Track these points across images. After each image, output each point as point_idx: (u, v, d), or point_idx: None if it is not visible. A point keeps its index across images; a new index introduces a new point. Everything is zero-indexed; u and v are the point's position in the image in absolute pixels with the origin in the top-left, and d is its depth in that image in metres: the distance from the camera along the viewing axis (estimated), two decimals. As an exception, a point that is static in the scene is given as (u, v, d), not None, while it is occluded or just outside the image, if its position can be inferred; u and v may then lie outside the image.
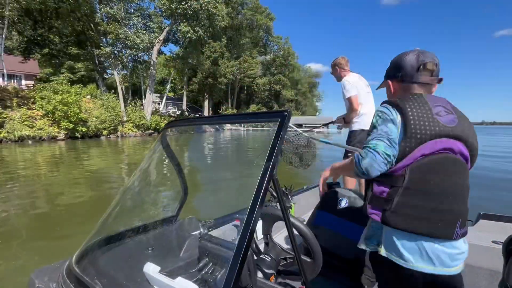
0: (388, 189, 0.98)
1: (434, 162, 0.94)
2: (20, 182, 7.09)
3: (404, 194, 0.94)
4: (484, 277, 1.62)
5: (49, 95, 20.35)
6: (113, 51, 27.63)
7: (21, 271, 2.80)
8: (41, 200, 5.68)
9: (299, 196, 3.01)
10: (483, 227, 2.36)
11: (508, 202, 5.48)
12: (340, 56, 3.21)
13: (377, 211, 1.00)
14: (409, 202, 0.94)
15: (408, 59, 1.07)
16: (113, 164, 10.97)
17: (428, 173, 0.94)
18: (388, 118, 0.99)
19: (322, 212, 1.62)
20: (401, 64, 1.09)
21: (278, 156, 0.74)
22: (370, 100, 3.11)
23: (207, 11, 28.06)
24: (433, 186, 0.94)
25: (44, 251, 3.32)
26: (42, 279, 1.08)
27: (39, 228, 4.21)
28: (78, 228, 3.91)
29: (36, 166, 9.85)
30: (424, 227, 0.94)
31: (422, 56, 1.05)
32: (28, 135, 19.03)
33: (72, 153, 14.23)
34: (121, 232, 1.24)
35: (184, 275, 0.89)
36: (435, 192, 0.94)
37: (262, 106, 55.71)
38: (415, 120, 0.95)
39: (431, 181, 0.94)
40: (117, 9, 26.01)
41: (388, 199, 0.97)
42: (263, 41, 55.79)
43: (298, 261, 0.87)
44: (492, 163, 10.65)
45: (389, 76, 1.16)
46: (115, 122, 25.60)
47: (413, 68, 1.06)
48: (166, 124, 1.41)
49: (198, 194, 5.15)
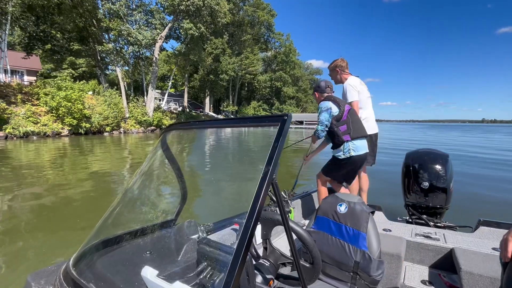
0: (345, 126, 2.52)
1: (351, 112, 2.58)
2: (43, 179, 7.30)
3: (351, 127, 2.52)
4: (485, 284, 1.60)
5: (53, 91, 20.50)
6: (116, 48, 27.64)
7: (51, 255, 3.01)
8: (67, 194, 5.89)
9: (298, 201, 3.01)
10: (483, 234, 2.37)
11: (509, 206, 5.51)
12: (339, 58, 3.16)
13: (347, 135, 2.51)
14: (353, 128, 2.53)
15: (322, 84, 2.78)
16: (124, 161, 11.17)
17: (353, 115, 2.57)
18: (327, 106, 2.54)
19: (322, 217, 1.63)
20: (320, 86, 2.78)
21: (278, 161, 0.74)
22: (370, 104, 3.10)
23: (210, 8, 28.03)
24: (356, 119, 2.60)
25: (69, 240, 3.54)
26: (38, 282, 1.08)
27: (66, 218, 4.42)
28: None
29: (51, 161, 10.06)
30: (363, 135, 2.59)
31: (328, 83, 2.78)
32: (32, 131, 19.21)
33: (79, 148, 14.42)
34: (119, 235, 1.24)
35: (182, 279, 0.88)
36: (357, 120, 2.62)
37: (263, 103, 55.79)
38: (339, 102, 2.57)
39: (354, 117, 2.59)
40: (119, 5, 25.98)
41: (348, 129, 2.52)
42: (264, 38, 55.67)
43: (297, 266, 0.86)
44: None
45: (316, 91, 2.83)
46: (118, 119, 25.77)
47: (324, 87, 2.75)
48: (165, 127, 1.41)
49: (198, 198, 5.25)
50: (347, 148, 2.54)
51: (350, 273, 1.45)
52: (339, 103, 2.55)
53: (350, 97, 2.91)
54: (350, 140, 2.53)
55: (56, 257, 3.19)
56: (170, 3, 26.86)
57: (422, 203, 2.93)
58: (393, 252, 1.90)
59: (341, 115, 2.52)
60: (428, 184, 2.85)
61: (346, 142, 2.54)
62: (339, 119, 2.52)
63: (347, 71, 3.11)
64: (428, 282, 1.93)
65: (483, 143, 23.44)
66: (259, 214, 0.69)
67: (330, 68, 3.19)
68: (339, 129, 2.52)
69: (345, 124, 2.53)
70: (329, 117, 2.51)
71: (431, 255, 2.15)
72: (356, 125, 2.57)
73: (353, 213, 1.51)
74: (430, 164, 2.91)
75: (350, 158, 2.55)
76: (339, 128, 2.52)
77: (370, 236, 1.44)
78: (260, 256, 1.22)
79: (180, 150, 1.58)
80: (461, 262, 1.75)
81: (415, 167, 2.97)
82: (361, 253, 1.42)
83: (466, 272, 1.65)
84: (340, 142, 2.55)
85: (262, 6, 50.56)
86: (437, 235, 2.31)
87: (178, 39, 33.79)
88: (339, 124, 2.53)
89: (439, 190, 2.83)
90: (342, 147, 2.55)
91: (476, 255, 1.84)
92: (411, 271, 2.09)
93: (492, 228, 2.48)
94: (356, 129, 2.56)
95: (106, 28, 26.87)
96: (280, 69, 55.10)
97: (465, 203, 5.21)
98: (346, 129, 2.54)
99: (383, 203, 3.26)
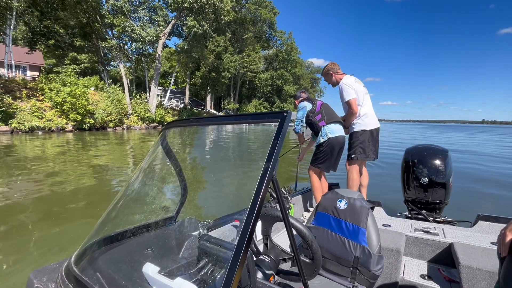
0: (320, 115, 3.04)
1: (324, 105, 3.12)
2: (62, 174, 7.51)
3: (324, 115, 3.04)
4: (483, 278, 1.61)
5: (57, 87, 20.66)
6: (119, 44, 27.74)
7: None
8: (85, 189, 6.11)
9: (298, 197, 3.02)
10: (482, 229, 2.40)
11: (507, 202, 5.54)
12: (329, 63, 3.23)
13: (322, 121, 3.01)
14: (326, 116, 3.04)
15: (297, 93, 3.37)
16: (131, 156, 11.40)
17: (325, 107, 3.10)
18: (302, 106, 3.17)
19: (322, 213, 1.64)
20: (296, 95, 3.38)
21: (278, 157, 0.75)
22: (368, 100, 3.11)
23: (213, 6, 28.11)
24: (328, 109, 3.10)
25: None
26: (40, 279, 1.08)
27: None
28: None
29: (62, 155, 10.27)
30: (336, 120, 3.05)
31: (301, 90, 3.42)
32: (38, 126, 19.39)
33: (84, 144, 14.62)
34: (120, 233, 1.25)
35: (183, 276, 0.89)
36: (329, 110, 3.11)
37: (264, 101, 55.93)
38: (311, 99, 3.20)
39: (327, 108, 3.11)
40: (123, 2, 26.05)
41: (322, 117, 3.03)
42: (266, 36, 55.66)
43: (298, 262, 0.87)
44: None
45: (295, 99, 3.37)
46: (121, 115, 25.94)
47: (299, 94, 3.36)
48: (165, 125, 1.41)
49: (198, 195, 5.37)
50: (324, 132, 2.99)
51: (350, 268, 1.47)
52: (312, 100, 3.19)
53: (346, 96, 2.94)
54: (326, 124, 3.01)
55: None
56: (174, 0, 26.92)
57: (422, 199, 2.93)
58: (393, 247, 1.90)
59: (315, 108, 3.11)
60: (427, 179, 2.85)
61: (323, 127, 3.01)
62: (313, 111, 3.11)
63: (340, 71, 3.16)
64: (427, 277, 1.94)
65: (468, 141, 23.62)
66: (260, 210, 0.69)
67: (323, 73, 3.27)
68: (315, 118, 3.09)
69: (319, 114, 3.08)
70: (303, 114, 3.15)
71: (430, 250, 2.16)
72: (328, 112, 3.08)
73: (353, 208, 1.53)
74: (429, 159, 2.90)
75: (328, 140, 2.95)
76: (315, 117, 3.09)
77: (369, 232, 1.45)
78: (260, 252, 1.23)
79: (181, 147, 1.58)
80: (460, 256, 1.76)
81: (415, 162, 2.96)
82: (360, 248, 1.44)
83: (465, 266, 1.68)
84: (318, 129, 3.06)
85: (265, 4, 50.53)
86: (436, 230, 2.32)
87: (180, 36, 33.89)
88: (314, 115, 3.10)
89: (439, 185, 2.83)
90: (320, 133, 3.02)
91: (475, 249, 1.85)
92: (410, 266, 2.10)
93: (491, 222, 2.49)
94: (329, 116, 3.06)
95: (110, 24, 26.94)
96: (282, 67, 55.18)
97: (464, 198, 5.23)
98: (321, 117, 3.07)
99: (383, 199, 3.30)
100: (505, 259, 0.79)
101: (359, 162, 3.04)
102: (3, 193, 5.33)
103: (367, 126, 2.97)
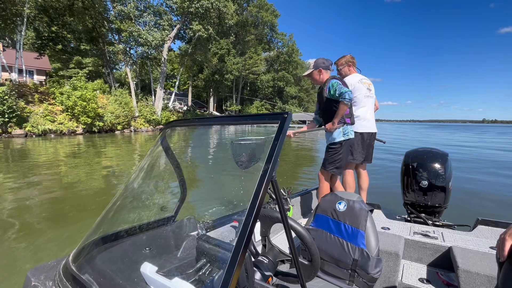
0: (348, 110, 2.65)
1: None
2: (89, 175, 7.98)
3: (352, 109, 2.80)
4: (482, 282, 1.60)
5: (68, 91, 21.21)
6: (125, 48, 28.30)
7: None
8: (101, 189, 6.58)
9: (297, 199, 2.99)
10: (481, 233, 2.36)
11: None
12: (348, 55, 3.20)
13: (348, 119, 2.67)
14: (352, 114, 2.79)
15: (326, 62, 2.80)
16: (142, 157, 11.85)
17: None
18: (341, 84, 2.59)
19: (321, 215, 1.63)
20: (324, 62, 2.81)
21: (277, 158, 0.74)
22: (368, 103, 3.04)
23: (218, 10, 28.67)
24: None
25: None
26: (38, 277, 1.08)
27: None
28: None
29: (76, 159, 10.77)
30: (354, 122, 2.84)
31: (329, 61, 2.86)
32: (50, 129, 19.92)
33: (95, 146, 15.11)
34: (119, 232, 1.24)
35: (181, 276, 0.90)
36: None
37: (266, 102, 56.40)
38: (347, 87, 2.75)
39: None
40: (130, 8, 26.63)
41: (350, 114, 2.72)
42: (267, 38, 56.21)
43: (296, 263, 0.87)
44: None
45: (319, 67, 2.80)
46: (128, 118, 26.47)
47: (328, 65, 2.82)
48: (165, 124, 1.41)
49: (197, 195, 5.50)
50: (347, 131, 2.65)
51: (348, 271, 1.47)
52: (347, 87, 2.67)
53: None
54: (350, 124, 2.70)
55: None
56: (179, 5, 27.48)
57: (421, 202, 2.91)
58: (391, 250, 1.89)
59: None
60: (427, 183, 2.84)
61: (346, 125, 2.65)
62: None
63: (353, 68, 3.14)
64: (426, 280, 1.93)
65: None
66: (259, 211, 0.69)
67: (340, 63, 3.17)
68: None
69: (348, 109, 2.63)
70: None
71: (429, 254, 2.15)
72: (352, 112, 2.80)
73: (352, 211, 1.53)
74: (429, 163, 2.89)
75: (349, 140, 2.69)
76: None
77: (368, 234, 1.45)
78: (259, 253, 1.22)
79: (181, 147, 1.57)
80: (458, 260, 1.75)
81: (414, 166, 2.94)
82: (359, 251, 1.44)
83: (463, 271, 1.67)
84: (340, 123, 2.63)
85: (266, 7, 51.14)
86: (436, 233, 2.31)
87: (183, 39, 34.37)
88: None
89: (438, 189, 2.81)
90: (342, 129, 2.64)
91: (474, 253, 1.84)
92: (409, 269, 2.09)
93: (490, 227, 2.48)
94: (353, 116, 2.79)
95: (117, 29, 27.51)
96: (283, 69, 55.69)
97: (464, 202, 5.17)
98: (349, 113, 2.68)
99: (382, 202, 3.30)
100: (504, 264, 0.78)
101: (349, 164, 3.00)
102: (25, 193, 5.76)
103: (358, 129, 2.94)
